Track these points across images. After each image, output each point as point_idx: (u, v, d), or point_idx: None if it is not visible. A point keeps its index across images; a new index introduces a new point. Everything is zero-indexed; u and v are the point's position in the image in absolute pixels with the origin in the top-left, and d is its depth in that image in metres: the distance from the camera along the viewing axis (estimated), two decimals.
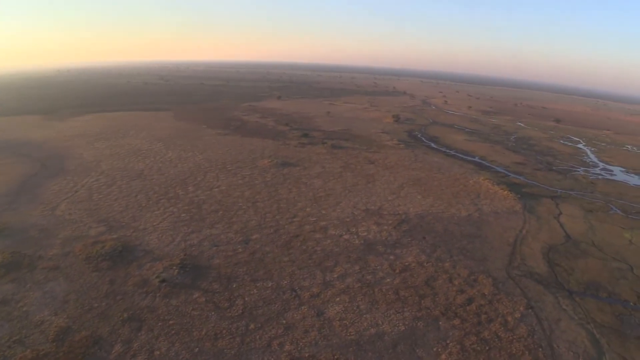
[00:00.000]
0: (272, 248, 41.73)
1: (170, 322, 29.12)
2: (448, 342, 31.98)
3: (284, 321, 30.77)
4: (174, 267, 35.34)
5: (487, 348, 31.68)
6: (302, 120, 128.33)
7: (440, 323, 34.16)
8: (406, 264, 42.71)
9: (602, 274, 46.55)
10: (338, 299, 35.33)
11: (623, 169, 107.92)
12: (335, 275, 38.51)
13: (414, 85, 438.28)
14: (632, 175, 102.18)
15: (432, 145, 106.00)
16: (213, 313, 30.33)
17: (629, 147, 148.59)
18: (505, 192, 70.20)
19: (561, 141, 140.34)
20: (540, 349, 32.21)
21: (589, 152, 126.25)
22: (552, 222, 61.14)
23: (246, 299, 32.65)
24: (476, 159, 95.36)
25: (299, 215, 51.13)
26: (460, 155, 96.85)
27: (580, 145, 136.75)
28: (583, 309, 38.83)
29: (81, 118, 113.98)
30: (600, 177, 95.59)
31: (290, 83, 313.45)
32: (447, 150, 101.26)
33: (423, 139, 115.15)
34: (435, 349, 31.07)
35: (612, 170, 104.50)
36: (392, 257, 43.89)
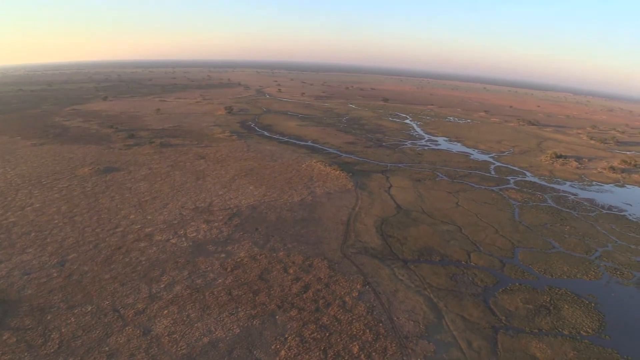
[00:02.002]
0: (92, 266, 51.34)
1: None
2: (287, 336, 40.67)
3: (107, 348, 37.23)
4: None
5: (327, 334, 41.10)
6: (129, 121, 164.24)
7: (277, 317, 43.53)
8: (238, 260, 54.43)
9: (434, 238, 66.14)
10: (166, 311, 42.45)
11: (446, 138, 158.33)
12: (162, 286, 47.95)
13: (249, 76, 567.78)
14: (455, 143, 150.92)
15: (266, 133, 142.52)
16: (26, 354, 35.98)
17: (450, 118, 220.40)
18: (338, 172, 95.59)
19: (390, 118, 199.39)
20: (381, 324, 43.71)
21: (415, 126, 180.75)
22: (384, 196, 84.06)
23: (63, 330, 39.22)
24: (309, 143, 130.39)
25: (121, 224, 64.11)
26: (294, 141, 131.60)
27: (407, 121, 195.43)
28: (419, 275, 54.32)
29: None
30: (426, 147, 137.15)
31: (119, 82, 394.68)
32: (281, 137, 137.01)
33: (256, 128, 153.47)
34: (273, 347, 39.11)
35: (436, 141, 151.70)
36: (223, 255, 55.65)
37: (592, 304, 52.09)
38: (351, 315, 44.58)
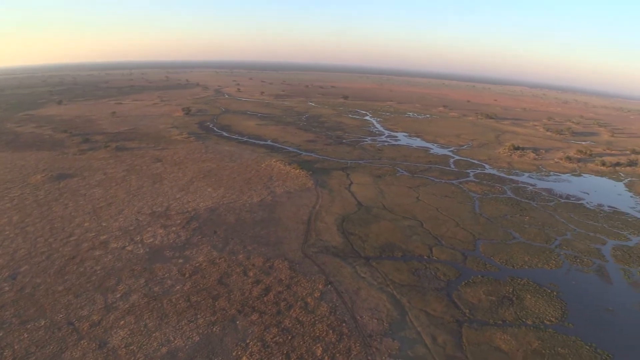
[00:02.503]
0: (44, 278, 50.09)
1: None
2: (248, 341, 39.75)
3: None
4: None
5: (289, 337, 40.36)
6: (84, 125, 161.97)
7: (238, 322, 42.59)
8: (197, 265, 53.63)
9: (395, 234, 66.06)
10: (122, 322, 41.85)
11: (406, 134, 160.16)
12: (118, 295, 46.86)
13: (208, 76, 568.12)
14: (414, 138, 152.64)
15: (224, 134, 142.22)
16: None
17: (410, 114, 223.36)
18: (298, 170, 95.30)
19: (350, 115, 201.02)
20: (344, 324, 43.13)
21: (375, 123, 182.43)
22: (344, 193, 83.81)
23: (15, 347, 38.05)
24: (268, 142, 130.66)
25: (75, 233, 62.71)
26: (253, 141, 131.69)
27: (367, 117, 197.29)
28: (381, 272, 53.96)
29: None
30: (386, 143, 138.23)
31: (74, 85, 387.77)
32: (240, 137, 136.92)
33: (215, 129, 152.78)
34: (235, 353, 38.17)
35: (396, 136, 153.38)
36: (181, 260, 54.74)
37: (554, 293, 52.87)
38: (314, 317, 43.96)
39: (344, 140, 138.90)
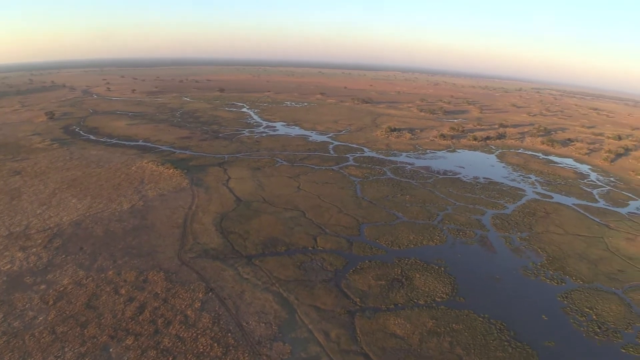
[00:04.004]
0: None
1: None
2: None
3: None
4: None
5: (170, 359, 36.60)
6: None
7: (111, 350, 37.77)
8: (61, 289, 47.10)
9: (278, 227, 63.66)
10: None
11: (284, 123, 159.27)
12: None
13: (76, 76, 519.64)
14: (293, 127, 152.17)
15: (92, 137, 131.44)
16: None
17: (288, 103, 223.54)
18: (171, 170, 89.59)
19: (226, 108, 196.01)
20: (230, 334, 39.95)
21: (252, 114, 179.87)
22: (222, 190, 79.93)
23: None
24: (140, 143, 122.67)
25: None
26: (123, 142, 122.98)
27: (244, 109, 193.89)
28: (265, 271, 51.19)
29: None
30: (264, 134, 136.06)
31: None
32: (109, 140, 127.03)
33: (81, 132, 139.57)
34: None
35: (274, 126, 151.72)
36: (43, 286, 47.74)
37: (442, 269, 54.03)
38: (195, 331, 40.42)
39: (220, 135, 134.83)
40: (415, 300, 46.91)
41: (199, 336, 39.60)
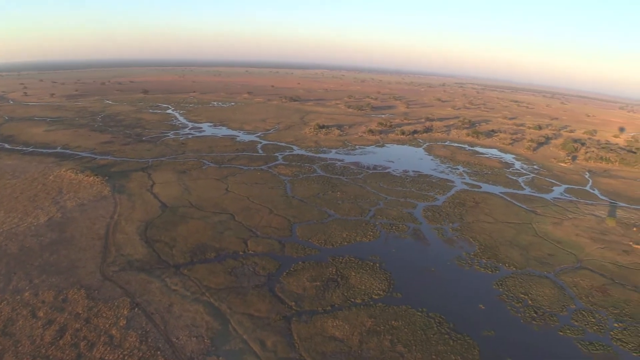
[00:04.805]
0: None
1: None
2: None
3: None
4: None
5: None
6: None
7: None
8: None
9: (206, 232, 60.54)
10: None
11: (211, 124, 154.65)
12: None
13: None
14: (220, 127, 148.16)
15: (6, 146, 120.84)
16: None
17: (214, 103, 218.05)
18: (92, 178, 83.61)
19: (150, 110, 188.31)
20: (159, 352, 36.98)
21: (178, 116, 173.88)
22: (146, 196, 75.35)
23: None
24: (58, 150, 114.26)
25: None
26: (40, 150, 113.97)
27: (169, 111, 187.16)
28: (194, 280, 48.14)
29: None
30: (190, 136, 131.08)
31: None
32: (24, 148, 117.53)
33: None
34: None
35: (201, 127, 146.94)
36: None
37: (377, 265, 53.25)
38: (122, 352, 37.05)
39: (144, 138, 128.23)
40: (352, 300, 45.68)
41: (125, 357, 36.39)
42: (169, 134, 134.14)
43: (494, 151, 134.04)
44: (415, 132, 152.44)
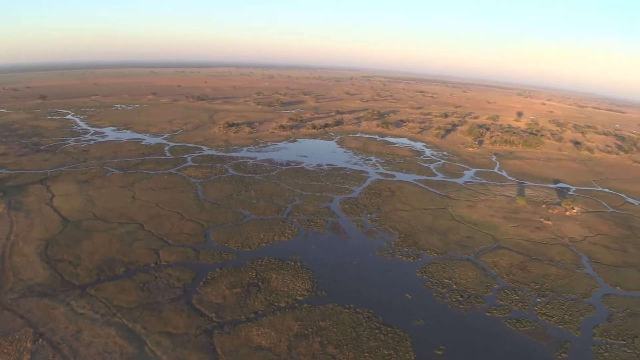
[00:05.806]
0: None
1: None
2: None
3: None
4: None
5: None
6: None
7: None
8: None
9: (113, 246, 55.56)
10: None
11: (114, 128, 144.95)
12: None
13: None
14: (124, 131, 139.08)
15: None
16: None
17: (117, 106, 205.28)
18: None
19: (48, 117, 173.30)
20: None
21: (78, 121, 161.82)
22: (46, 211, 67.53)
23: None
24: None
25: None
26: None
27: (69, 117, 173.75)
28: (103, 300, 43.56)
29: None
30: (92, 142, 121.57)
31: None
32: None
33: None
34: None
35: (103, 132, 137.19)
36: None
37: (298, 264, 51.76)
38: None
39: (42, 147, 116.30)
40: (276, 304, 43.67)
41: None
42: (69, 141, 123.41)
43: (404, 140, 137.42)
44: (326, 125, 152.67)
